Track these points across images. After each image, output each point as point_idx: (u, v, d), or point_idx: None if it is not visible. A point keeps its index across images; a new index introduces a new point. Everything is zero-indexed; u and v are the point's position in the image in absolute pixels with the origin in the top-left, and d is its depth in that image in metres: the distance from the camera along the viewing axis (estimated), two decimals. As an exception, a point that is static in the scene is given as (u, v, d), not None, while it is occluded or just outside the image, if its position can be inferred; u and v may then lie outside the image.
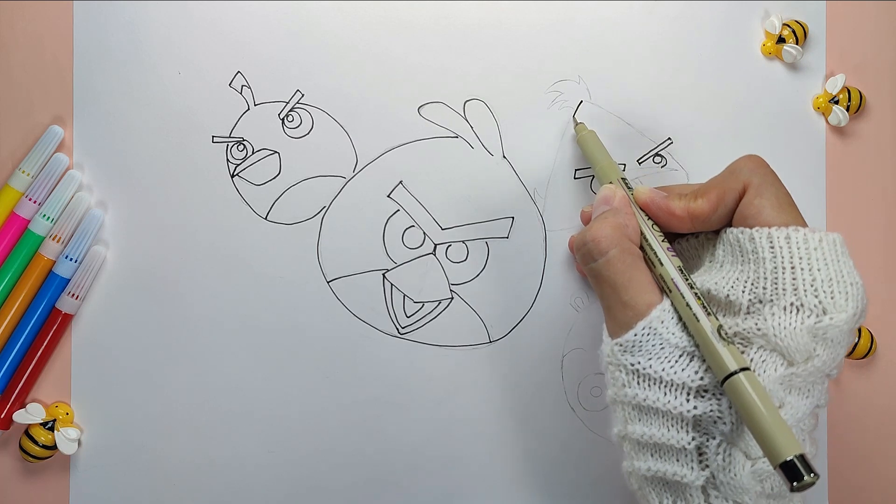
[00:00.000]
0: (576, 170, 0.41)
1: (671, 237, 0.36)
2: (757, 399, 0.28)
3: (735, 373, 0.28)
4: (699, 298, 0.31)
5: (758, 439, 0.28)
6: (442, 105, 0.41)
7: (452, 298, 0.41)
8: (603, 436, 0.41)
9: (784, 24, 0.41)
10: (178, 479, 0.40)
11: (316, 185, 0.40)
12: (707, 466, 0.30)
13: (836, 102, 0.41)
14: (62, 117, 0.40)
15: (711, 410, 0.30)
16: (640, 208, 0.35)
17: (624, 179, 0.36)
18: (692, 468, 0.30)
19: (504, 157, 0.41)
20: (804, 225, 0.31)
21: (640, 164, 0.41)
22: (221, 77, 0.40)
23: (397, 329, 0.41)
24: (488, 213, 0.41)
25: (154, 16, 0.40)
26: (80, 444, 0.40)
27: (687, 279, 0.31)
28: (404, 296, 0.41)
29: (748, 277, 0.31)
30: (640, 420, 0.31)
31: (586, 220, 0.39)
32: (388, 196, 0.41)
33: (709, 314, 0.30)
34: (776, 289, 0.30)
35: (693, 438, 0.30)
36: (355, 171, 0.41)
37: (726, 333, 0.30)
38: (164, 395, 0.40)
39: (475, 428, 0.41)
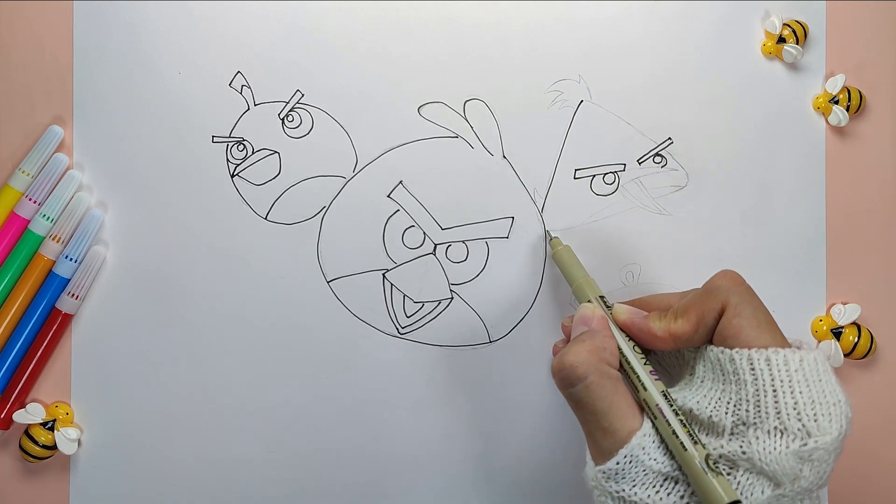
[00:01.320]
0: (576, 170, 0.41)
1: (649, 350, 0.35)
2: None
3: None
4: (685, 426, 0.30)
5: None
6: (442, 105, 0.41)
7: (452, 298, 0.41)
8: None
9: (784, 24, 0.41)
10: (178, 478, 0.40)
11: (316, 185, 0.40)
12: None
13: (836, 102, 0.41)
14: (62, 117, 0.40)
15: None
16: (620, 328, 0.34)
17: (602, 297, 0.35)
18: None
19: (504, 157, 0.41)
20: (784, 344, 0.31)
21: (640, 164, 0.41)
22: (221, 77, 0.40)
23: (397, 329, 0.41)
24: (488, 213, 0.41)
25: (154, 16, 0.40)
26: (80, 444, 0.40)
27: (671, 405, 0.31)
28: (404, 296, 0.41)
29: (730, 399, 0.31)
30: None
31: (566, 333, 0.38)
32: (388, 196, 0.41)
33: (695, 442, 0.30)
34: (759, 412, 0.30)
35: None
36: (355, 171, 0.41)
37: (714, 462, 0.29)
38: (164, 395, 0.40)
39: (475, 428, 0.41)
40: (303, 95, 0.40)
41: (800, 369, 0.30)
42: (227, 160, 0.40)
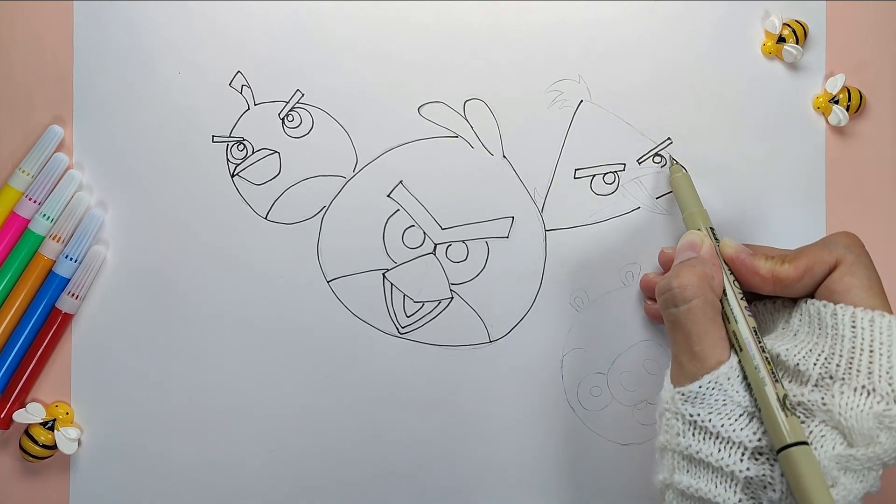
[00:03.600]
0: (576, 169, 0.41)
1: (749, 296, 0.35)
2: (810, 475, 0.28)
3: (792, 445, 0.28)
4: (768, 363, 0.31)
5: None
6: (442, 105, 0.41)
7: (452, 298, 0.41)
8: (602, 435, 0.41)
9: (784, 24, 0.41)
10: (178, 479, 0.40)
11: (316, 185, 0.40)
12: None
13: (836, 102, 0.41)
14: (62, 117, 0.40)
15: (763, 475, 0.30)
16: (725, 262, 0.35)
17: (712, 229, 0.36)
18: None
19: (504, 156, 0.41)
20: (890, 311, 0.31)
21: (640, 163, 0.41)
22: (221, 77, 0.40)
23: (397, 329, 0.41)
24: (488, 213, 0.41)
25: (154, 16, 0.40)
26: (80, 443, 0.40)
27: (759, 342, 0.31)
28: (404, 295, 0.41)
29: (822, 351, 0.31)
30: (688, 471, 0.31)
31: (664, 259, 0.39)
32: (388, 196, 0.41)
33: (776, 381, 0.30)
34: (850, 368, 0.30)
35: (740, 500, 0.30)
36: (355, 171, 0.41)
37: (790, 403, 0.30)
38: (164, 395, 0.40)
39: (475, 428, 0.41)
40: (303, 95, 0.40)
41: None
42: (227, 160, 0.40)
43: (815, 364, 0.31)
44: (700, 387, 0.31)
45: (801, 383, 0.31)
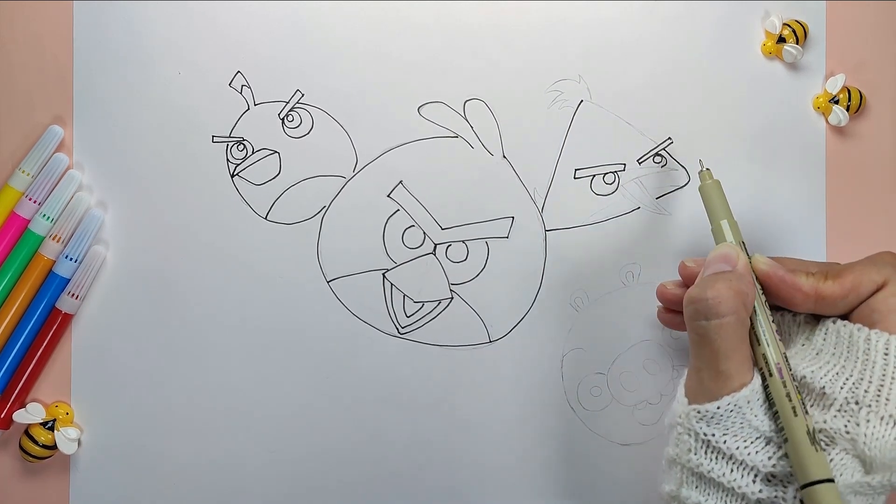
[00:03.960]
0: (576, 170, 0.41)
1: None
2: None
3: (819, 482, 0.28)
4: (799, 394, 0.30)
5: None
6: (442, 105, 0.41)
7: (452, 298, 0.41)
8: (603, 436, 0.41)
9: (784, 24, 0.41)
10: (178, 479, 0.40)
11: (316, 185, 0.40)
12: None
13: (836, 102, 0.41)
14: (62, 117, 0.40)
15: (776, 497, 0.29)
16: (758, 278, 0.33)
17: (743, 243, 0.34)
18: None
19: (504, 157, 0.41)
20: None
21: (640, 163, 0.41)
22: (221, 77, 0.40)
23: (397, 329, 0.41)
24: (488, 213, 0.41)
25: (154, 16, 0.40)
26: (80, 444, 0.40)
27: (790, 370, 0.31)
28: (404, 296, 0.41)
29: (850, 376, 0.30)
30: (697, 488, 0.31)
31: (686, 274, 0.36)
32: (388, 196, 0.41)
33: (805, 413, 0.29)
34: (878, 396, 0.29)
35: None
36: (355, 171, 0.41)
37: (817, 436, 0.29)
38: (164, 395, 0.40)
39: (475, 428, 0.41)
40: (303, 95, 0.40)
41: None
42: (227, 160, 0.40)
43: (841, 388, 0.30)
44: (719, 407, 0.30)
45: (825, 408, 0.30)
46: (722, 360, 0.30)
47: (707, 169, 0.37)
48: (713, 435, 0.30)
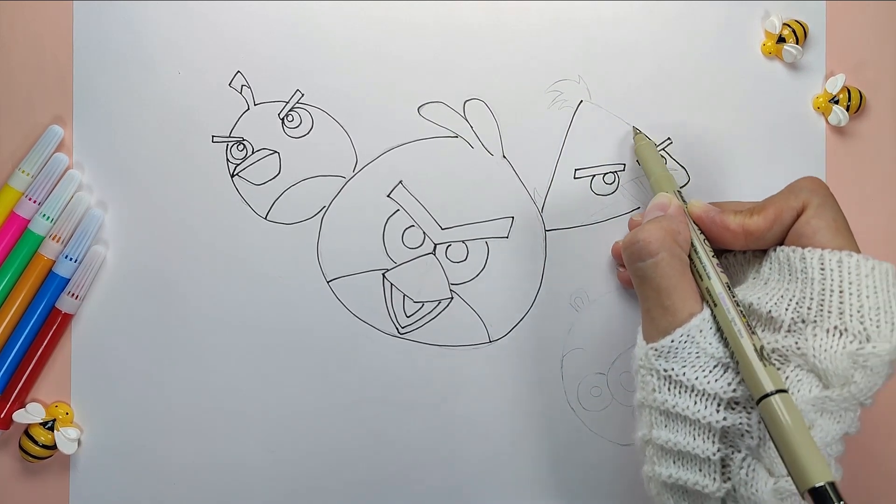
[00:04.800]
0: (575, 170, 0.41)
1: (717, 252, 0.36)
2: (791, 422, 0.28)
3: (772, 394, 0.28)
4: (743, 316, 0.31)
5: (788, 462, 0.28)
6: (442, 105, 0.41)
7: (452, 298, 0.41)
8: (603, 435, 0.41)
9: (784, 24, 0.41)
10: (178, 479, 0.40)
11: (316, 185, 0.40)
12: (729, 479, 0.30)
13: (836, 102, 0.41)
14: (62, 117, 0.40)
15: (740, 423, 0.30)
16: (694, 221, 0.35)
17: (679, 192, 0.36)
18: (714, 479, 0.30)
19: (504, 157, 0.41)
20: (858, 251, 0.31)
21: (640, 164, 0.41)
22: (221, 77, 0.40)
23: (397, 329, 0.41)
24: (488, 213, 0.41)
25: (154, 16, 0.40)
26: (80, 444, 0.40)
27: (732, 295, 0.31)
28: (404, 296, 0.41)
29: (794, 296, 0.31)
30: (666, 426, 0.31)
31: (632, 226, 0.39)
32: (388, 196, 0.41)
33: (751, 333, 0.30)
34: (821, 310, 0.30)
35: (718, 450, 0.30)
36: (355, 171, 0.41)
37: (767, 353, 0.30)
38: (164, 395, 0.40)
39: (475, 428, 0.41)
40: (303, 95, 0.40)
41: (870, 275, 0.30)
42: (227, 160, 0.40)
43: (787, 309, 0.31)
44: (672, 341, 0.31)
45: (775, 330, 0.31)
46: (665, 296, 0.31)
47: (640, 131, 0.40)
48: (672, 369, 0.31)
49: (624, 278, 0.40)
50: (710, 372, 0.30)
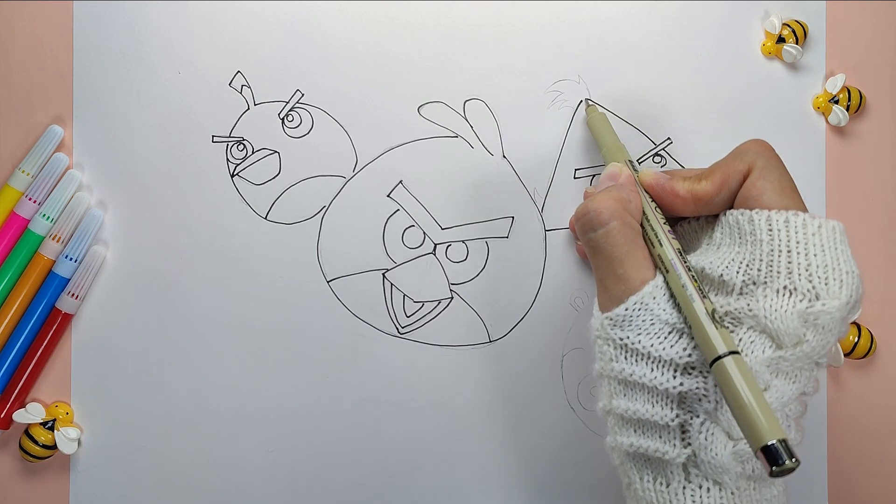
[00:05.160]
0: (576, 169, 0.41)
1: (672, 221, 0.36)
2: (743, 383, 0.28)
3: (724, 356, 0.28)
4: (695, 281, 0.31)
5: (741, 422, 0.28)
6: (442, 105, 0.41)
7: (452, 298, 0.41)
8: (603, 436, 0.41)
9: (784, 24, 0.41)
10: (178, 479, 0.40)
11: (316, 185, 0.40)
12: (689, 444, 0.30)
13: (836, 102, 0.41)
14: (62, 117, 0.40)
15: (697, 388, 0.30)
16: (645, 190, 0.35)
17: (630, 162, 0.36)
18: (674, 445, 0.30)
19: (504, 156, 0.41)
20: (804, 210, 0.31)
21: (640, 163, 0.41)
22: (221, 77, 0.40)
23: (397, 329, 0.41)
24: (488, 213, 0.41)
25: (154, 16, 0.40)
26: (80, 443, 0.40)
27: (685, 262, 0.31)
28: (404, 295, 0.41)
29: (744, 258, 0.31)
30: (624, 395, 0.31)
31: (587, 197, 0.39)
32: (388, 196, 0.41)
33: (703, 297, 0.30)
34: (770, 271, 0.30)
35: (677, 415, 0.30)
36: (355, 171, 0.41)
37: (719, 316, 0.30)
38: (164, 395, 0.40)
39: (475, 428, 0.41)
40: (303, 95, 0.40)
41: (817, 234, 0.30)
42: (227, 160, 0.40)
43: (737, 272, 0.31)
44: (626, 309, 0.31)
45: (727, 293, 0.31)
46: (617, 265, 0.31)
47: (592, 103, 0.40)
48: (628, 338, 0.31)
49: (581, 251, 0.40)
50: (666, 338, 0.30)
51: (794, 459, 0.26)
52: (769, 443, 0.26)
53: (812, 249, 0.30)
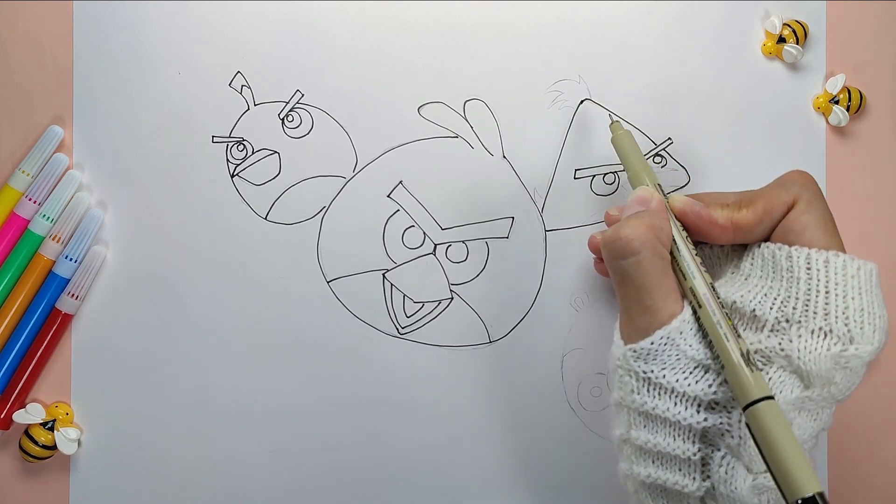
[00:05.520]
0: (576, 170, 0.41)
1: (694, 244, 0.35)
2: (780, 432, 0.27)
3: (759, 401, 0.28)
4: (729, 319, 0.30)
5: (776, 472, 0.27)
6: (442, 105, 0.41)
7: (452, 298, 0.41)
8: (603, 436, 0.41)
9: (784, 24, 0.41)
10: (178, 479, 0.40)
11: (316, 185, 0.40)
12: (708, 477, 0.30)
13: (836, 102, 0.41)
14: (62, 117, 0.40)
15: (721, 423, 0.29)
16: (676, 216, 0.34)
17: (659, 185, 0.35)
18: (694, 478, 0.30)
19: (504, 157, 0.41)
20: (843, 250, 0.31)
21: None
22: (221, 77, 0.40)
23: (397, 329, 0.41)
24: (488, 213, 0.41)
25: (154, 16, 0.40)
26: (80, 444, 0.40)
27: (717, 297, 0.31)
28: (404, 296, 0.41)
29: (778, 295, 0.31)
30: (645, 427, 0.31)
31: (611, 222, 0.37)
32: (388, 196, 0.41)
33: (738, 336, 0.30)
34: (807, 311, 0.30)
35: (699, 450, 0.30)
36: (355, 171, 0.41)
37: (752, 357, 0.29)
38: (164, 395, 0.40)
39: (475, 428, 0.41)
40: (303, 95, 0.40)
41: (856, 276, 0.30)
42: (227, 160, 0.40)
43: (771, 308, 0.30)
44: (652, 343, 0.30)
45: (757, 329, 0.31)
46: (646, 296, 0.30)
47: (616, 120, 0.37)
48: (652, 371, 0.30)
49: (601, 269, 0.39)
50: (691, 374, 0.30)
51: None
52: (807, 496, 0.26)
53: (850, 292, 0.30)
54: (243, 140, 0.40)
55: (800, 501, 0.26)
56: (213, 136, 0.40)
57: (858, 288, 0.30)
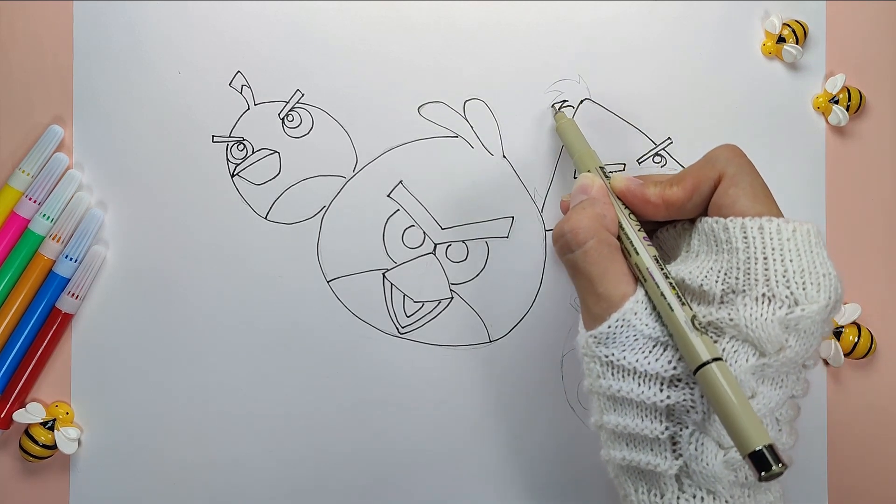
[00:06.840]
0: (575, 170, 0.41)
1: (651, 228, 0.36)
2: (727, 389, 0.28)
3: (707, 363, 0.28)
4: (674, 288, 0.30)
5: (728, 429, 0.28)
6: (442, 105, 0.41)
7: (452, 298, 0.41)
8: (603, 436, 0.41)
9: (784, 24, 0.41)
10: (178, 479, 0.40)
11: (316, 185, 0.40)
12: (680, 455, 0.30)
13: (836, 102, 0.41)
14: (62, 117, 0.40)
15: (684, 400, 0.30)
16: (618, 197, 0.34)
17: (602, 168, 0.36)
18: (665, 457, 0.30)
19: (504, 156, 0.41)
20: (779, 215, 0.31)
21: (639, 163, 0.41)
22: (221, 77, 0.40)
23: (397, 329, 0.41)
24: (488, 213, 0.41)
25: (154, 16, 0.40)
26: (80, 443, 0.40)
27: (662, 269, 0.31)
28: (404, 295, 0.41)
29: (721, 267, 0.31)
30: (614, 410, 0.31)
31: (565, 209, 0.38)
32: (388, 196, 0.41)
33: (683, 304, 0.30)
34: (748, 279, 0.30)
35: (666, 428, 0.30)
36: (355, 171, 0.41)
37: (700, 323, 0.30)
38: (164, 395, 0.40)
39: (475, 428, 0.41)
40: (303, 95, 0.40)
41: (792, 238, 0.30)
42: (227, 160, 0.40)
43: (716, 281, 0.31)
44: (609, 327, 0.31)
45: (708, 303, 0.31)
46: (598, 284, 0.31)
47: (561, 110, 0.39)
48: (613, 354, 0.31)
49: None
50: (650, 352, 0.30)
51: (780, 464, 0.26)
52: (756, 448, 0.26)
53: (788, 255, 0.30)
54: (243, 140, 0.40)
55: (755, 452, 0.27)
56: (213, 136, 0.40)
57: (797, 250, 0.30)
